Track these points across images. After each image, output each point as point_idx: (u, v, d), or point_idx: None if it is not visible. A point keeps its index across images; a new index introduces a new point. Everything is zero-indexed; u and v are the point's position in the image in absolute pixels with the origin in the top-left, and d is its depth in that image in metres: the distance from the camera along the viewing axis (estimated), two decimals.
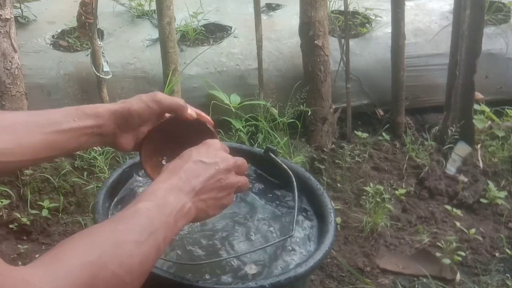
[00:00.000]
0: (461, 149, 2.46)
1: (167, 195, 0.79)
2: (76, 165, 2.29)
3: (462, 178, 2.34)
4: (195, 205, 0.81)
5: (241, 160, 0.90)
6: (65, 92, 2.47)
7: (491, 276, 1.88)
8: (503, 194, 2.23)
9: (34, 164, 0.97)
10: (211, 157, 0.86)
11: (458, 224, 2.09)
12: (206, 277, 0.92)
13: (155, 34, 2.65)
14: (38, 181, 2.19)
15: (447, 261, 1.88)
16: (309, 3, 2.38)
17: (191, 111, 0.97)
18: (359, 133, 2.53)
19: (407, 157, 2.43)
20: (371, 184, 2.20)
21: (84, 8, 2.23)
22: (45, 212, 2.07)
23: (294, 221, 1.03)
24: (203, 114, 0.99)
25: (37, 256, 1.93)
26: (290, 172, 1.13)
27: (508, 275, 1.89)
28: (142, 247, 0.69)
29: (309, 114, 2.48)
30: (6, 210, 2.08)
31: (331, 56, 2.50)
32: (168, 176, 0.82)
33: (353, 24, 2.82)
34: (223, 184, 0.86)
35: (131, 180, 1.16)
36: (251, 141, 2.42)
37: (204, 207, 0.84)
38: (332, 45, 2.53)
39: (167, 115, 0.98)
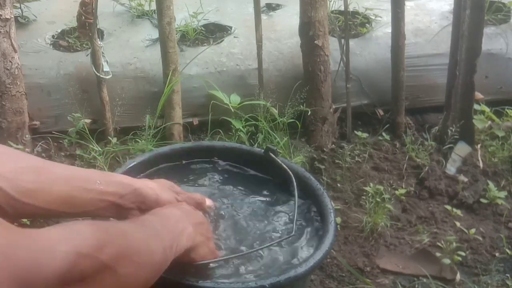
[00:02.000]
0: (461, 149, 2.46)
1: (171, 217, 0.86)
2: (76, 165, 2.29)
3: (462, 178, 2.34)
4: (196, 234, 0.88)
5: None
6: (65, 92, 2.47)
7: (491, 276, 1.88)
8: (503, 194, 2.22)
9: (48, 217, 0.97)
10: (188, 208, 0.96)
11: (458, 224, 2.09)
12: (206, 277, 0.92)
13: (155, 34, 2.65)
14: None
15: (447, 261, 1.88)
16: (309, 3, 2.38)
17: (209, 203, 1.07)
18: (359, 133, 2.53)
19: (407, 157, 2.43)
20: (371, 184, 2.20)
21: (84, 8, 2.23)
22: None
23: (294, 221, 1.03)
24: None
25: None
26: (290, 172, 1.13)
27: (508, 275, 1.89)
28: (148, 238, 0.74)
29: (309, 114, 2.48)
30: None
31: (331, 56, 2.50)
32: (163, 207, 0.91)
33: (353, 24, 2.82)
34: (208, 228, 0.98)
35: None
36: (251, 141, 2.42)
37: (202, 241, 0.90)
38: (332, 45, 2.53)
39: None
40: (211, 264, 0.94)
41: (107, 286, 0.64)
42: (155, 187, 0.94)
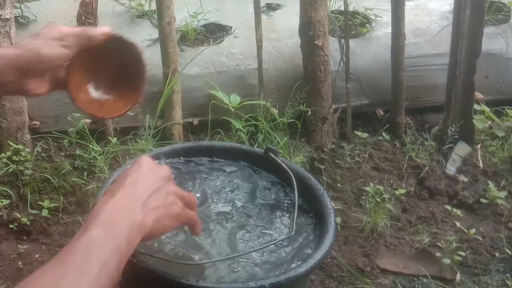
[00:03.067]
0: (461, 149, 2.46)
1: (113, 215, 0.73)
2: (76, 165, 2.29)
3: (462, 178, 2.34)
4: (147, 216, 0.75)
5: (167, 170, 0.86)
6: (65, 92, 2.47)
7: (491, 276, 1.88)
8: (503, 194, 2.22)
9: None
10: (147, 170, 0.82)
11: (458, 224, 2.09)
12: (206, 277, 0.92)
13: (155, 34, 2.64)
14: (38, 181, 2.19)
15: (447, 261, 1.88)
16: (309, 3, 2.38)
17: (102, 30, 0.91)
18: (359, 133, 2.53)
19: (407, 157, 2.43)
20: (371, 184, 2.20)
21: (84, 8, 2.23)
22: (45, 212, 2.07)
23: (294, 221, 1.03)
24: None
25: (37, 256, 1.93)
26: (290, 172, 1.13)
27: (508, 275, 1.89)
28: (95, 284, 0.64)
29: (309, 114, 2.48)
30: (6, 210, 2.08)
31: (331, 56, 2.50)
32: (110, 195, 0.76)
33: (353, 24, 2.82)
34: (167, 189, 0.81)
35: None
36: (251, 141, 2.42)
37: (158, 216, 0.77)
38: (332, 45, 2.53)
39: None
40: (211, 264, 0.94)
41: None
42: (38, 45, 0.86)
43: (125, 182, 0.79)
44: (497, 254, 1.99)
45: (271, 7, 3.02)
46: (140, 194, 0.78)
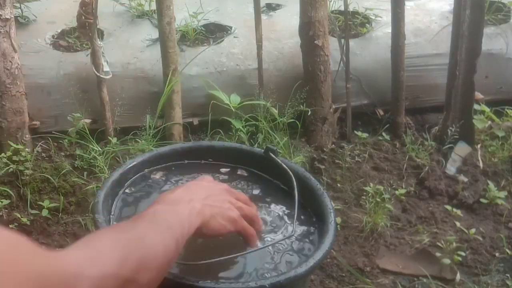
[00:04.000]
0: (461, 149, 2.46)
1: (175, 200, 0.83)
2: (76, 165, 2.29)
3: (462, 178, 2.34)
4: (205, 208, 0.85)
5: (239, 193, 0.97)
6: (65, 92, 2.47)
7: (491, 276, 1.88)
8: (503, 194, 2.22)
9: None
10: (208, 182, 0.95)
11: (458, 224, 2.09)
12: (207, 277, 0.92)
13: (155, 34, 2.65)
14: (38, 181, 2.19)
15: (447, 261, 1.88)
16: (309, 3, 2.38)
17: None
18: (359, 133, 2.53)
19: (407, 157, 2.43)
20: (371, 184, 2.20)
21: (84, 8, 2.23)
22: (45, 212, 2.07)
23: (294, 221, 1.03)
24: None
25: None
26: (290, 172, 1.13)
27: (508, 275, 1.89)
28: (163, 237, 0.74)
29: (309, 114, 2.48)
30: (6, 210, 2.08)
31: (331, 56, 2.50)
32: (172, 191, 0.87)
33: (353, 24, 2.82)
34: (225, 197, 0.91)
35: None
36: (251, 141, 2.42)
37: (215, 212, 0.86)
38: (332, 45, 2.53)
39: None
40: (211, 264, 0.94)
41: None
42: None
43: (185, 185, 0.90)
44: (497, 254, 1.99)
45: (271, 7, 3.02)
46: (199, 193, 0.87)
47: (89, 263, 0.62)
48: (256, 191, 1.17)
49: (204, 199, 0.86)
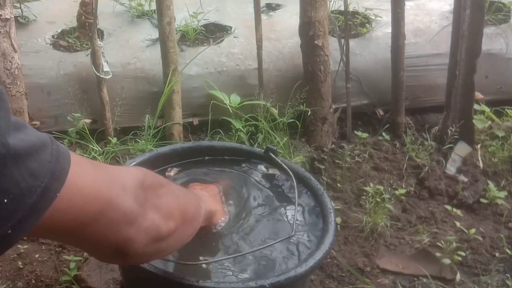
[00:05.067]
0: (461, 149, 2.46)
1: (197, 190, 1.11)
2: None
3: (462, 178, 2.34)
4: (214, 201, 1.11)
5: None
6: (65, 92, 2.47)
7: (491, 276, 1.88)
8: (503, 194, 2.22)
9: None
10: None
11: (458, 224, 2.09)
12: (206, 277, 0.92)
13: (155, 34, 2.64)
14: None
15: (447, 261, 1.88)
16: (309, 3, 2.38)
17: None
18: (359, 133, 2.53)
19: (407, 157, 2.43)
20: (371, 184, 2.20)
21: (84, 8, 2.23)
22: None
23: (294, 221, 1.03)
24: None
25: (37, 256, 1.93)
26: (290, 172, 1.13)
27: (508, 275, 1.89)
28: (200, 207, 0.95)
29: (309, 114, 2.48)
30: None
31: (331, 56, 2.50)
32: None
33: (353, 24, 2.82)
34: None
35: None
36: (251, 141, 2.42)
37: (217, 208, 1.11)
38: (332, 45, 2.53)
39: None
40: (211, 264, 0.94)
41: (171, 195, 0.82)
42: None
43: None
44: (497, 254, 1.99)
45: (271, 7, 3.02)
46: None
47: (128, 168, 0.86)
48: (255, 191, 1.18)
49: (211, 197, 1.10)
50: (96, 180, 0.66)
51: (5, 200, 0.54)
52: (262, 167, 1.22)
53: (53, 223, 0.60)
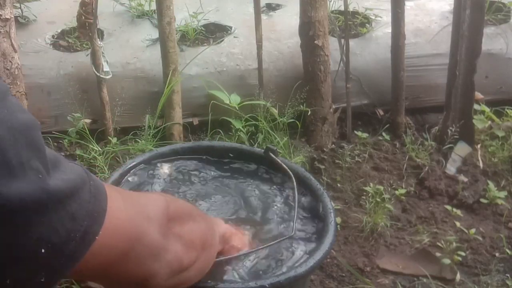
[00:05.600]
0: (461, 149, 2.46)
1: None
2: None
3: (462, 178, 2.34)
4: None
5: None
6: (65, 92, 2.47)
7: (491, 276, 1.88)
8: (503, 194, 2.22)
9: None
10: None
11: (458, 224, 2.09)
12: (206, 277, 0.92)
13: (155, 34, 2.65)
14: None
15: (447, 261, 1.88)
16: (309, 3, 2.38)
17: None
18: (359, 133, 2.53)
19: (407, 157, 2.43)
20: (371, 184, 2.20)
21: (84, 8, 2.23)
22: None
23: (294, 221, 1.03)
24: None
25: None
26: (290, 172, 1.13)
27: (508, 275, 1.89)
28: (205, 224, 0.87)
29: (309, 114, 2.48)
30: None
31: (331, 56, 2.50)
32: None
33: (353, 24, 2.82)
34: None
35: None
36: (251, 141, 2.42)
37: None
38: (332, 45, 2.53)
39: None
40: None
41: (193, 228, 0.79)
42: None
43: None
44: (497, 254, 1.99)
45: (271, 7, 3.02)
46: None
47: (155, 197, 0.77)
48: (255, 191, 1.18)
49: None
50: (129, 216, 0.62)
51: (43, 250, 0.49)
52: (262, 167, 1.22)
53: (83, 266, 0.54)
